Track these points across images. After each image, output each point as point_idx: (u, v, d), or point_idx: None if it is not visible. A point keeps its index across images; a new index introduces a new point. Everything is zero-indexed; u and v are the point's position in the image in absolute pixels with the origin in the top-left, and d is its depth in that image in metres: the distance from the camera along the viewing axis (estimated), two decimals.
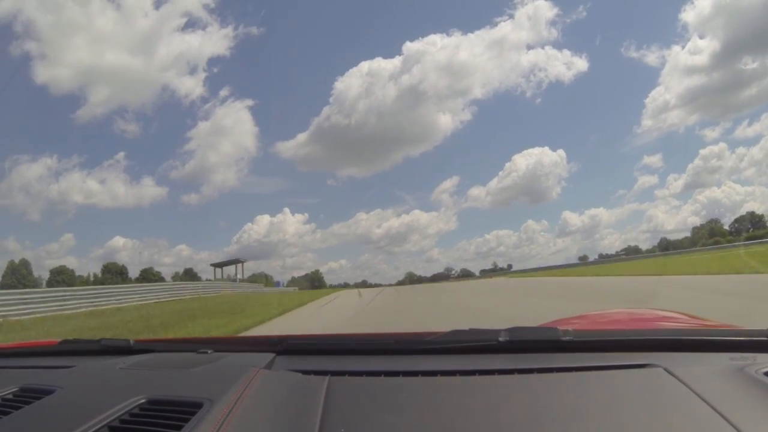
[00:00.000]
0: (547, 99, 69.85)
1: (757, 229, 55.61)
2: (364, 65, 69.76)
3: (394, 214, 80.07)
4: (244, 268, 48.60)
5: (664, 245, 57.15)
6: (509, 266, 70.28)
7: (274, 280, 54.31)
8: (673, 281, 13.83)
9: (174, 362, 1.05)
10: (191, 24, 65.98)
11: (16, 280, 39.02)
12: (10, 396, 0.89)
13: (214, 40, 60.69)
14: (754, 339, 0.85)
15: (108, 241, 63.91)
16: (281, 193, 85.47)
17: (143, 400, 0.77)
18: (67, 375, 1.01)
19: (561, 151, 70.33)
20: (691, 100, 66.23)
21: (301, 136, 71.13)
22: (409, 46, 67.91)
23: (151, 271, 50.00)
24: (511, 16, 72.58)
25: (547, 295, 14.18)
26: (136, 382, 0.88)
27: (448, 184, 78.17)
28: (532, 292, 15.51)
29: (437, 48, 65.79)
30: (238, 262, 47.28)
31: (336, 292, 30.22)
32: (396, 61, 68.23)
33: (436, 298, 17.15)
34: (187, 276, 48.56)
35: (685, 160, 70.92)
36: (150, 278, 45.00)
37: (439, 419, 0.67)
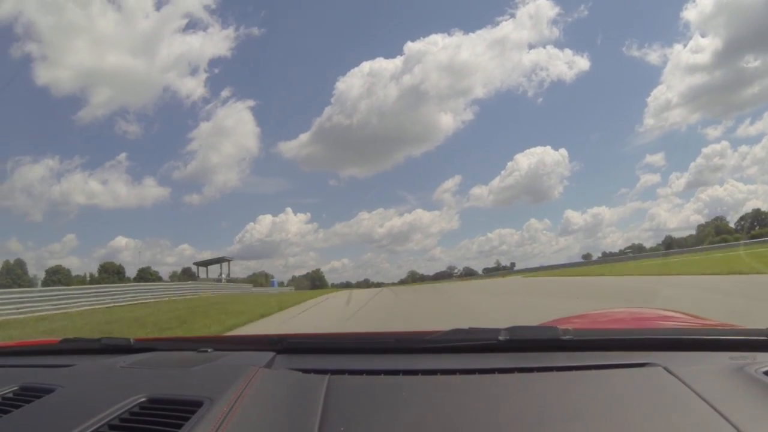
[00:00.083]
0: (549, 98, 70.02)
1: (763, 227, 55.23)
2: (366, 65, 70.02)
3: (396, 214, 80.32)
4: (245, 268, 47.60)
5: (669, 243, 56.98)
6: (512, 264, 70.55)
7: (270, 280, 53.38)
8: (702, 283, 11.09)
9: (174, 361, 1.05)
10: (192, 25, 65.47)
11: (11, 280, 38.86)
12: (10, 395, 0.89)
13: (215, 41, 60.81)
14: (754, 338, 0.86)
15: (110, 241, 64.28)
16: (283, 193, 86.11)
17: (143, 399, 0.77)
18: (68, 374, 1.01)
19: (563, 150, 70.80)
20: (693, 98, 66.29)
21: (303, 137, 71.31)
22: (411, 46, 68.12)
23: (149, 271, 49.93)
24: (513, 16, 72.87)
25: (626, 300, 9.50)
26: (137, 381, 0.88)
27: (450, 184, 78.52)
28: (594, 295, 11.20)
29: (438, 48, 65.96)
30: (223, 261, 44.44)
31: (327, 294, 27.68)
32: (397, 61, 68.67)
33: (444, 305, 13.40)
34: (185, 275, 48.14)
35: (687, 158, 71.54)
36: (147, 278, 44.85)
37: (439, 418, 0.67)
